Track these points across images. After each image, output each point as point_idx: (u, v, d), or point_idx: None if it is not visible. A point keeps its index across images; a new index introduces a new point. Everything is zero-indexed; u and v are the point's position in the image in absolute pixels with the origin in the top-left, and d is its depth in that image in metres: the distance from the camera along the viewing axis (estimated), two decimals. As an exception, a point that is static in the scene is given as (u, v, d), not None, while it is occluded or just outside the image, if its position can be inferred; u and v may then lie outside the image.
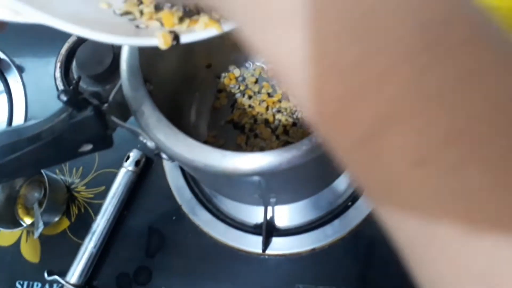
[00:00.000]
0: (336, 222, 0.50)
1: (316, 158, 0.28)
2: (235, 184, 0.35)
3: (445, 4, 0.12)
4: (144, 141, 0.34)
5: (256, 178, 0.30)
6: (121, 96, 0.35)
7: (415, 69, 0.11)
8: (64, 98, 0.29)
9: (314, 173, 0.34)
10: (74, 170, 0.58)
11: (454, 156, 0.11)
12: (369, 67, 0.12)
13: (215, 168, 0.29)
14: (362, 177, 0.14)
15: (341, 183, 0.51)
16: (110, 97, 0.34)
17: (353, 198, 0.50)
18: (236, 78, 0.52)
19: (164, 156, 0.36)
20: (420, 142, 0.11)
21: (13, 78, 0.67)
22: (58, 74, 0.62)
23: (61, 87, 0.62)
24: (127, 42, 0.25)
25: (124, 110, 0.35)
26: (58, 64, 0.63)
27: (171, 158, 0.34)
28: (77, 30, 0.20)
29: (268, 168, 0.28)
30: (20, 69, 0.67)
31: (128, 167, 0.54)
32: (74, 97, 0.30)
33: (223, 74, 0.52)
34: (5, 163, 0.32)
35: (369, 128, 0.12)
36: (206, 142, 0.45)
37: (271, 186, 0.34)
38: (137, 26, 0.22)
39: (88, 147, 0.34)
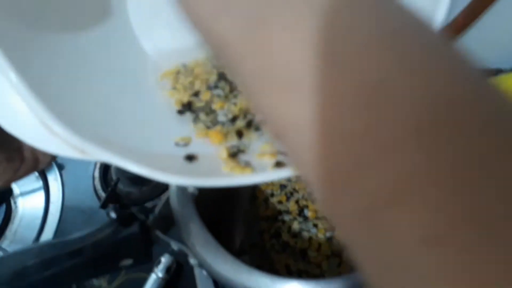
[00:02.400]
0: None
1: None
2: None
3: (460, 87, 0.12)
4: (190, 260, 0.33)
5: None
6: (166, 209, 0.34)
7: (423, 145, 0.11)
8: (113, 215, 0.29)
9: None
10: (102, 274, 0.56)
11: (471, 235, 0.11)
12: (378, 137, 0.11)
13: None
14: (361, 251, 0.13)
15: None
16: (156, 211, 0.33)
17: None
18: (282, 186, 0.51)
19: (204, 272, 0.34)
20: (433, 219, 0.11)
21: (53, 176, 0.68)
22: (97, 174, 0.64)
23: (98, 187, 0.62)
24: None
25: (168, 222, 0.35)
26: (98, 165, 0.64)
27: (213, 277, 0.32)
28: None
29: None
30: (60, 167, 0.68)
31: (158, 273, 0.52)
32: (123, 213, 0.29)
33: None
34: (43, 277, 0.31)
35: (375, 199, 0.11)
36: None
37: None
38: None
39: (128, 261, 0.33)
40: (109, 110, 0.22)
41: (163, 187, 0.59)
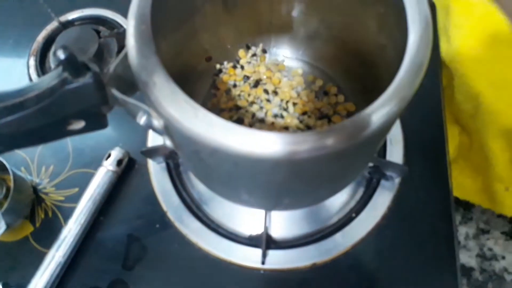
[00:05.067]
0: (338, 235, 0.46)
1: (360, 143, 0.25)
2: (251, 178, 0.30)
3: None
4: (142, 120, 0.29)
5: (288, 167, 0.26)
6: (123, 69, 0.30)
7: None
8: (62, 55, 0.24)
9: (345, 166, 0.31)
10: (43, 169, 0.51)
11: None
12: None
13: (245, 152, 0.24)
14: None
15: (344, 192, 0.47)
16: (111, 68, 0.29)
17: (357, 209, 0.46)
18: (245, 77, 0.48)
19: (168, 142, 0.31)
20: None
21: (-22, 65, 0.59)
22: (32, 62, 0.56)
23: (35, 76, 0.55)
24: None
25: (126, 86, 0.30)
26: (33, 52, 0.57)
27: (180, 142, 0.29)
28: None
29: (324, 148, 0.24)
30: (-13, 55, 0.60)
31: (108, 166, 0.48)
32: (73, 57, 0.25)
33: (223, 70, 0.48)
34: (-25, 135, 0.26)
35: None
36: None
37: (293, 180, 0.29)
38: None
39: (80, 124, 0.29)
40: None
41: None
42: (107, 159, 0.49)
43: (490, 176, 0.53)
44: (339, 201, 0.47)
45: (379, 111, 0.25)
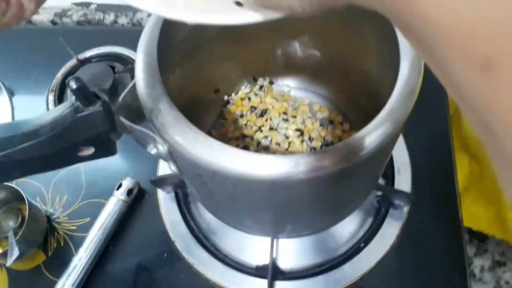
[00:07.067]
0: (347, 265, 0.45)
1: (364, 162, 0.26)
2: (252, 201, 0.31)
3: None
4: (153, 150, 0.31)
5: (285, 188, 0.26)
6: (131, 98, 0.31)
7: None
8: (73, 85, 0.26)
9: (345, 191, 0.31)
10: (57, 199, 0.53)
11: None
12: None
13: (243, 174, 0.25)
14: None
15: (352, 222, 0.47)
16: (120, 98, 0.31)
17: (366, 239, 0.46)
18: (252, 108, 0.49)
19: (173, 167, 0.32)
20: None
21: (2, 100, 0.63)
22: (51, 98, 0.59)
23: (53, 111, 0.58)
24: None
25: (134, 115, 0.32)
26: (53, 88, 0.60)
27: (183, 166, 0.30)
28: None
29: (318, 169, 0.25)
30: (11, 92, 0.63)
31: (119, 196, 0.49)
32: (84, 87, 0.26)
33: (231, 101, 0.50)
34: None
35: None
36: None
37: (293, 203, 0.30)
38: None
39: (90, 150, 0.30)
40: None
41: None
42: (118, 189, 0.50)
43: (502, 205, 0.52)
44: (347, 230, 0.47)
45: (373, 133, 0.26)
